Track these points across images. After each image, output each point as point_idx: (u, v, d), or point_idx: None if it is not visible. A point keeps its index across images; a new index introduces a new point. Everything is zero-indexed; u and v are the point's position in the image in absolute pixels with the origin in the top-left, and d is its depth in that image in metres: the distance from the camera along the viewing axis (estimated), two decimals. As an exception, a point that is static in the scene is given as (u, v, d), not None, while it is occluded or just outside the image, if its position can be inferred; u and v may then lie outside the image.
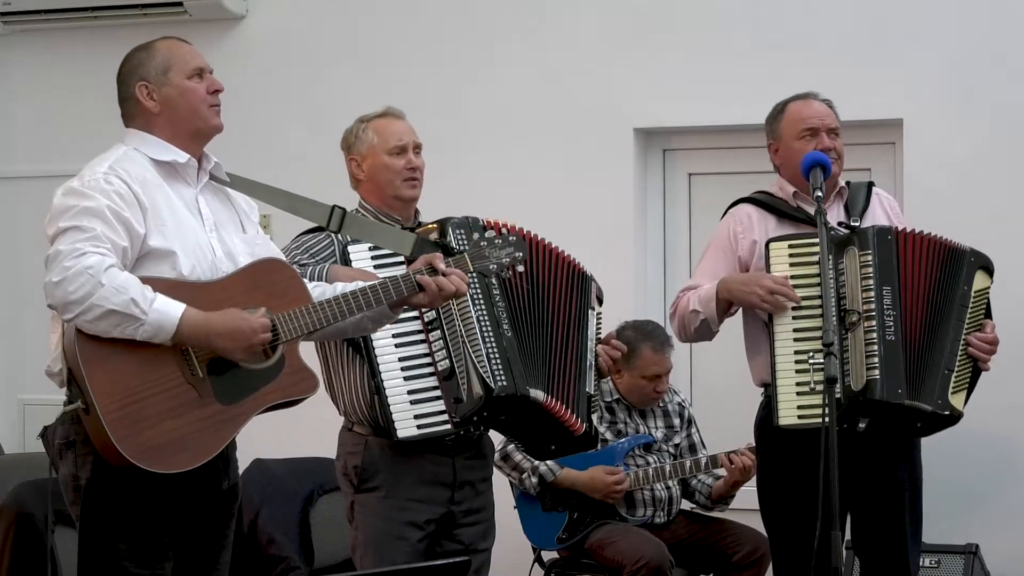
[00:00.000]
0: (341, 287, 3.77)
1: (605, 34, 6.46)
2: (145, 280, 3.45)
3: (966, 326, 4.43)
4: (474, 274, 3.95)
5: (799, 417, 4.32)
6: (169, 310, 3.43)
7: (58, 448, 3.57)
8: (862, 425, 4.31)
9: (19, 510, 4.97)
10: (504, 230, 4.01)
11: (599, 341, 4.36)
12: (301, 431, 5.35)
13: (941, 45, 6.08)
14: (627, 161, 6.46)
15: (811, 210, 4.50)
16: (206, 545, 3.69)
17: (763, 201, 4.64)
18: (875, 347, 4.30)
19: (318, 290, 3.78)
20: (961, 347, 4.41)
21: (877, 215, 4.65)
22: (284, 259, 3.79)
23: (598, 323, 4.38)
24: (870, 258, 4.37)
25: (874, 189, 4.73)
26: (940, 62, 6.08)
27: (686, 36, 6.37)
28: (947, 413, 4.36)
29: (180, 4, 6.76)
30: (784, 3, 6.28)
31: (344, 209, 3.96)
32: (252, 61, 6.81)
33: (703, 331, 4.60)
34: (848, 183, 4.70)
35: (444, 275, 3.75)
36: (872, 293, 4.33)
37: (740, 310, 4.62)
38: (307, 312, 3.61)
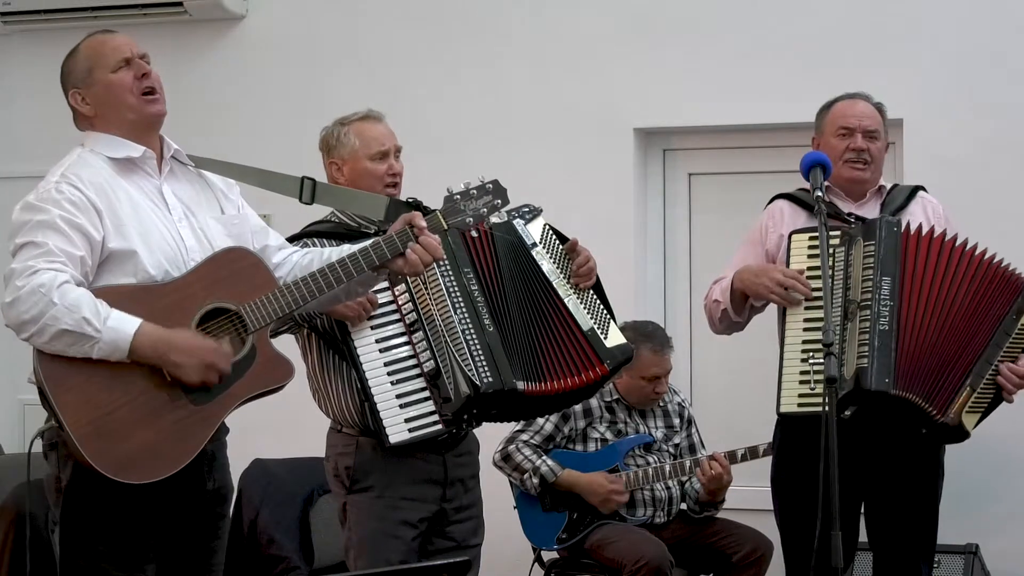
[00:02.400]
0: (327, 254, 3.71)
1: (605, 34, 6.46)
2: (99, 292, 3.38)
3: (1003, 352, 4.39)
4: (446, 263, 3.92)
5: (799, 405, 4.33)
6: (123, 327, 3.34)
7: (44, 450, 3.54)
8: (847, 413, 4.24)
9: (19, 510, 4.97)
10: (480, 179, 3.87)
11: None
12: (301, 431, 5.34)
13: (941, 45, 6.09)
14: (627, 161, 6.46)
15: (841, 205, 4.52)
16: (194, 548, 3.63)
17: (796, 196, 4.67)
18: (867, 336, 4.27)
19: (308, 257, 3.73)
20: (992, 371, 4.37)
21: (916, 216, 4.59)
22: (247, 245, 3.65)
23: None
24: (873, 248, 4.36)
25: (920, 193, 4.71)
26: (940, 62, 6.08)
27: (686, 36, 6.37)
28: (954, 428, 4.34)
29: (180, 4, 6.76)
30: (784, 3, 6.28)
31: (314, 180, 3.95)
32: (252, 61, 6.81)
33: (727, 321, 4.64)
34: (895, 185, 4.72)
35: (422, 233, 3.63)
36: (871, 283, 4.32)
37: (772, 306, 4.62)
38: (275, 297, 3.52)
